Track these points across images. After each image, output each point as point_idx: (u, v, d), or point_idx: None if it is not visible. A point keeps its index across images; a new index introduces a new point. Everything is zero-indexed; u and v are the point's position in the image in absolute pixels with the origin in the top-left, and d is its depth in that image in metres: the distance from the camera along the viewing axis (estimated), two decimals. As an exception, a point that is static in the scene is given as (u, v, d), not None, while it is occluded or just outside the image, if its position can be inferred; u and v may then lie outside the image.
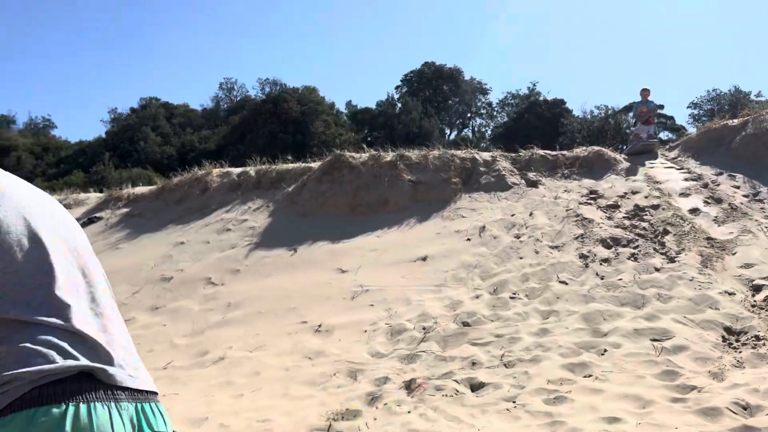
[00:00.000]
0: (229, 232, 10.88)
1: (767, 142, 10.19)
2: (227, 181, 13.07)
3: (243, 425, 4.49)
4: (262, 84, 53.52)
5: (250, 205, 11.89)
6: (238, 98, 55.76)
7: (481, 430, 3.87)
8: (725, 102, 34.00)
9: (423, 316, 6.72)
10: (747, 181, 9.52)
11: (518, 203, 10.24)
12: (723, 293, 6.00)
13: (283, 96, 41.53)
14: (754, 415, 3.74)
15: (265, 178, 12.76)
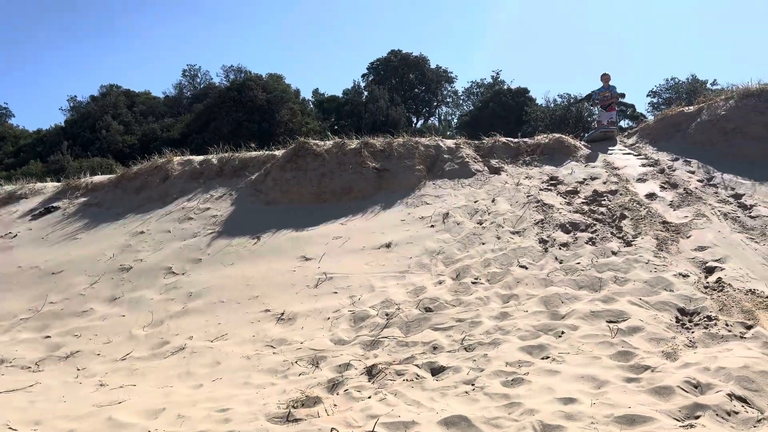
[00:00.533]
0: (190, 221, 10.72)
1: (722, 129, 10.46)
2: (189, 169, 12.86)
3: (201, 415, 4.44)
4: (227, 71, 52.67)
5: (213, 194, 11.72)
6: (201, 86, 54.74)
7: (439, 413, 3.90)
8: (683, 90, 34.80)
9: (386, 302, 6.74)
10: (702, 166, 9.77)
11: (481, 190, 10.32)
12: (677, 275, 6.15)
13: (248, 84, 40.91)
14: (704, 393, 3.85)
15: (227, 166, 12.58)
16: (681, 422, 3.45)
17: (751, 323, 4.99)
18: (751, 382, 3.89)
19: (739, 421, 3.48)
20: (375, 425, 3.72)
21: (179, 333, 6.86)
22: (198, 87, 54.97)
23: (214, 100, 41.13)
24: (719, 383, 3.91)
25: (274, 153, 12.57)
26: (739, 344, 4.62)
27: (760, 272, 6.19)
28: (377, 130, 13.98)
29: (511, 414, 3.81)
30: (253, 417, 4.24)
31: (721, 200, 8.40)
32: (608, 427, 3.44)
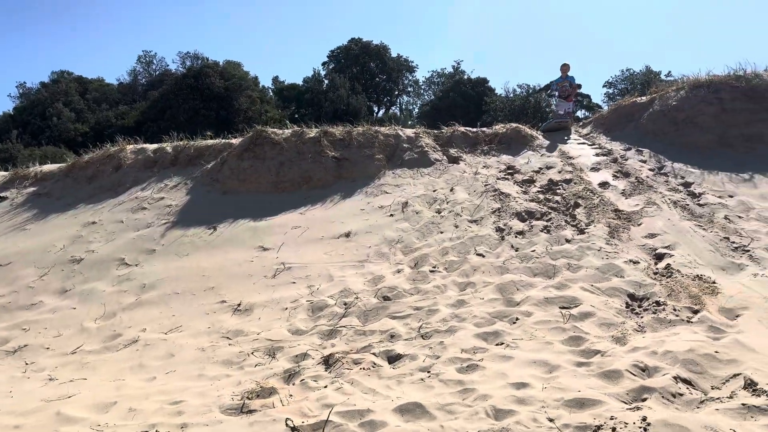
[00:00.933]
0: (144, 211, 10.47)
1: (673, 119, 10.74)
2: (142, 157, 12.55)
3: (154, 408, 4.36)
4: (183, 58, 51.39)
5: (167, 183, 11.47)
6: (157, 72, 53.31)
7: (395, 400, 3.92)
8: (638, 81, 35.57)
9: (345, 291, 6.73)
10: (653, 155, 10.02)
11: (440, 179, 10.38)
12: (628, 262, 6.31)
13: (205, 70, 39.99)
14: (651, 376, 3.97)
15: (182, 154, 12.33)
16: (628, 405, 3.55)
17: (697, 308, 5.15)
18: (696, 365, 4.02)
19: (683, 402, 3.59)
20: (330, 414, 3.71)
21: (132, 325, 6.72)
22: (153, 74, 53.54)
23: (170, 88, 40.11)
24: (666, 366, 4.03)
25: (231, 141, 12.37)
26: (685, 328, 4.77)
27: (707, 258, 6.40)
28: (338, 119, 13.90)
29: (464, 400, 3.85)
30: (207, 409, 4.19)
31: (671, 189, 8.64)
32: (558, 410, 3.51)
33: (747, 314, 4.94)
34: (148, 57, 54.42)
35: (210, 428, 3.83)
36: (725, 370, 3.89)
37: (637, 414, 3.33)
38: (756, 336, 4.45)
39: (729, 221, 7.32)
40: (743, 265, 6.16)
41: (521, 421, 3.41)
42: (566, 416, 3.42)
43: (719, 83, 10.78)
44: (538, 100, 26.90)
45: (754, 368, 3.80)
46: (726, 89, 10.60)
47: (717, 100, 10.51)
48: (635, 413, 3.36)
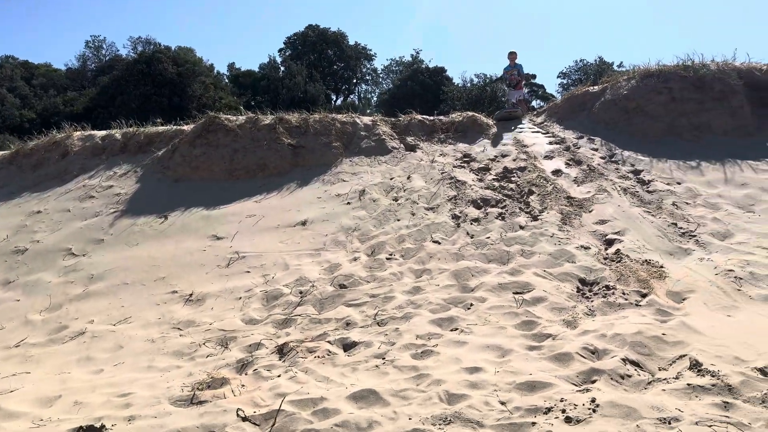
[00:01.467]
0: (92, 200, 10.13)
1: (624, 107, 10.96)
2: (90, 144, 12.12)
3: (100, 401, 4.23)
4: (134, 43, 49.90)
5: (116, 171, 11.12)
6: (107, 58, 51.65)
7: (349, 387, 3.89)
8: (591, 72, 36.28)
9: (301, 280, 6.66)
10: (604, 143, 10.22)
11: (397, 167, 10.36)
12: (579, 248, 6.42)
13: (157, 56, 38.93)
14: (601, 358, 4.04)
15: (132, 141, 11.96)
16: (578, 387, 3.60)
17: (645, 291, 5.28)
18: (644, 347, 4.12)
19: (631, 383, 3.67)
20: (282, 403, 3.65)
21: (79, 317, 6.50)
22: (103, 59, 51.83)
23: (121, 73, 38.90)
24: (615, 349, 4.11)
25: (183, 128, 12.07)
26: (634, 311, 4.88)
27: (656, 243, 6.57)
28: (296, 107, 13.72)
29: (419, 385, 3.85)
30: (156, 401, 4.08)
31: (622, 176, 8.83)
32: (510, 393, 3.54)
33: (693, 297, 5.08)
34: (98, 42, 52.72)
35: (158, 420, 3.73)
36: (672, 352, 3.99)
37: (587, 396, 3.39)
38: (701, 318, 4.58)
39: (677, 207, 7.53)
40: (690, 250, 6.34)
41: (474, 404, 3.43)
42: (518, 399, 3.46)
43: (669, 73, 11.04)
44: (494, 89, 27.14)
45: (699, 349, 3.91)
46: (675, 79, 10.87)
47: (666, 90, 10.77)
48: (585, 395, 3.41)
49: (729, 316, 4.67)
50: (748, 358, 3.74)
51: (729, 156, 9.09)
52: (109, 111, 33.82)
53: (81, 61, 52.25)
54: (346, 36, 52.08)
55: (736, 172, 8.56)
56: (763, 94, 10.76)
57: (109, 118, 29.89)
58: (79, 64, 52.04)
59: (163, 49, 41.11)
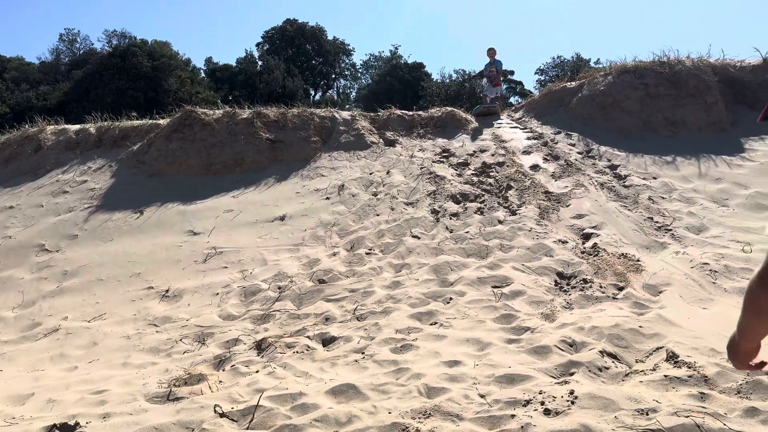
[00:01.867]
0: (65, 195, 9.94)
1: (600, 103, 11.06)
2: (64, 139, 11.90)
3: (74, 398, 4.15)
4: (109, 36, 48.97)
5: (91, 165, 10.93)
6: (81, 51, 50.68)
7: (328, 382, 3.86)
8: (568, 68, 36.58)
9: (279, 275, 6.60)
10: (581, 139, 10.30)
11: (376, 162, 10.33)
12: (557, 242, 6.46)
13: (133, 50, 38.31)
14: (579, 351, 4.06)
15: (107, 135, 11.76)
16: (557, 379, 3.62)
17: (622, 285, 5.33)
18: (621, 339, 4.15)
19: (609, 375, 3.69)
20: (260, 399, 3.61)
21: (53, 314, 6.38)
22: (77, 53, 50.86)
23: (96, 67, 38.18)
24: (592, 341, 4.14)
25: (159, 122, 11.90)
26: (611, 304, 4.92)
27: (632, 237, 6.63)
28: (274, 102, 13.59)
29: (398, 379, 3.83)
30: (132, 398, 4.01)
31: (599, 171, 8.91)
32: (489, 386, 3.54)
33: (669, 290, 5.14)
34: (72, 35, 51.70)
35: (134, 417, 3.67)
36: (649, 344, 4.03)
37: (565, 388, 3.40)
38: (677, 311, 4.64)
39: (653, 202, 7.62)
40: (666, 244, 6.42)
41: (453, 398, 3.42)
42: (497, 392, 3.46)
43: (645, 69, 11.16)
44: (473, 85, 27.23)
45: (675, 341, 3.95)
46: (651, 75, 10.99)
47: (642, 86, 10.89)
48: (563, 387, 3.43)
49: (704, 309, 4.74)
50: (723, 349, 3.76)
51: (704, 151, 9.22)
52: (83, 105, 33.20)
53: (54, 54, 51.21)
54: (324, 31, 51.82)
55: (710, 167, 8.69)
56: (737, 90, 10.94)
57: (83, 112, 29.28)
58: (53, 58, 51.01)
59: (138, 43, 40.46)
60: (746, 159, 8.82)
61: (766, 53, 11.65)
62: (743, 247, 6.01)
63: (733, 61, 11.61)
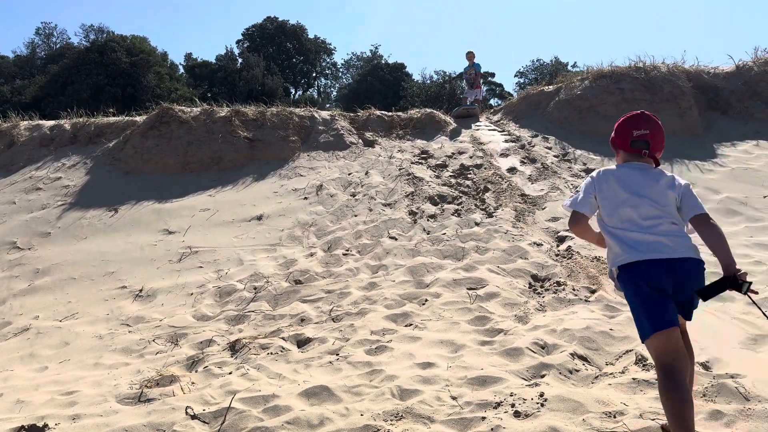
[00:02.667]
0: (38, 192, 9.78)
1: (577, 107, 11.19)
2: (38, 135, 11.70)
3: (44, 399, 4.09)
4: (86, 31, 48.36)
5: (65, 162, 10.77)
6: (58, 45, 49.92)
7: (301, 384, 3.86)
8: (547, 71, 36.97)
9: (255, 276, 6.58)
10: (558, 142, 10.41)
11: (355, 162, 10.34)
12: (532, 244, 6.53)
13: (111, 45, 37.84)
14: (550, 353, 4.11)
15: (82, 132, 11.59)
16: (528, 381, 3.66)
17: (595, 288, 5.41)
18: (592, 342, 4.21)
19: (579, 378, 3.74)
20: (232, 401, 3.60)
21: (24, 313, 6.28)
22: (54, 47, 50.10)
23: (72, 62, 37.63)
24: (564, 344, 4.19)
25: (135, 119, 11.77)
26: (583, 307, 4.99)
27: (605, 241, 6.72)
28: (253, 100, 13.52)
29: (372, 381, 3.85)
30: (102, 399, 3.96)
31: (574, 174, 9.01)
32: (461, 388, 3.57)
33: (639, 293, 5.22)
34: (48, 29, 50.98)
35: (104, 419, 3.63)
36: (619, 347, 4.09)
37: (536, 390, 3.44)
38: (646, 313, 4.71)
39: (626, 206, 7.72)
40: (637, 247, 6.51)
41: (425, 400, 3.44)
42: (469, 394, 3.49)
43: (621, 74, 11.32)
44: (453, 87, 27.33)
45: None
46: (627, 80, 11.15)
47: (618, 90, 11.04)
48: (534, 389, 3.47)
49: (673, 312, 4.82)
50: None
51: (677, 156, 9.38)
52: (59, 100, 32.72)
53: (30, 48, 50.37)
54: (305, 29, 51.68)
55: (683, 171, 8.83)
56: (710, 96, 11.15)
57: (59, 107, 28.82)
58: (28, 52, 50.15)
59: (116, 38, 39.97)
60: (718, 164, 8.99)
61: (739, 60, 11.91)
62: (713, 251, 6.12)
63: (706, 67, 11.82)
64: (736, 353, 3.86)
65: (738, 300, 4.99)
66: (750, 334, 4.18)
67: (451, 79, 28.53)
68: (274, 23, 50.49)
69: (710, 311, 4.76)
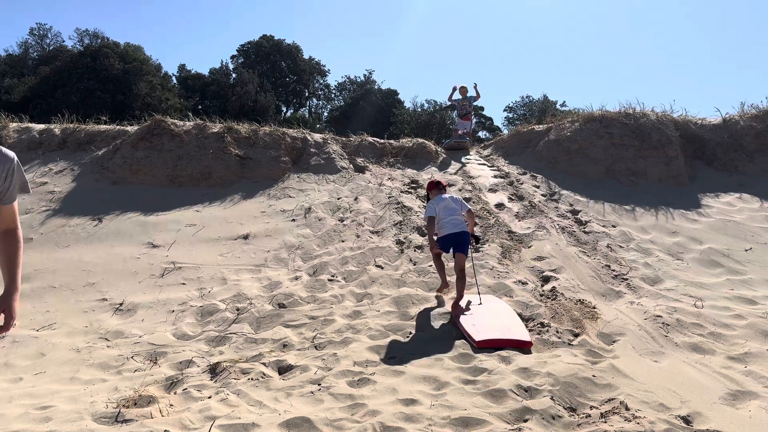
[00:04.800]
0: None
1: (566, 148, 11.35)
2: (27, 137, 11.58)
3: (17, 413, 3.99)
4: (81, 35, 48.09)
5: (52, 167, 10.65)
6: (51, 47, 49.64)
7: (282, 414, 3.81)
8: (536, 108, 37.54)
9: (238, 296, 6.52)
10: (546, 181, 10.54)
11: (345, 187, 10.36)
12: (517, 282, 6.56)
13: (104, 50, 37.74)
14: (533, 396, 4.09)
15: (72, 138, 11.50)
16: (511, 425, 3.65)
17: (578, 331, 5.43)
18: (575, 388, 4.21)
19: (561, 424, 3.74)
20: (212, 428, 3.54)
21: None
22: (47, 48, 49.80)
23: (65, 65, 37.44)
24: (547, 388, 4.19)
25: (127, 129, 11.70)
26: (566, 351, 5.00)
27: (589, 283, 6.79)
28: (245, 115, 13.57)
29: (354, 415, 3.81)
30: (78, 416, 3.88)
31: (561, 215, 9.11)
32: (444, 429, 3.55)
33: (623, 340, 5.26)
34: (43, 30, 50.66)
35: (78, 439, 3.54)
36: (601, 394, 4.10)
37: (519, 435, 3.43)
38: (630, 362, 4.74)
39: (611, 250, 7.82)
40: (621, 293, 6.58)
41: (408, 439, 3.42)
42: (452, 435, 3.47)
43: (610, 119, 11.53)
44: (443, 117, 27.65)
45: (627, 394, 4.04)
46: (616, 125, 11.36)
47: (607, 135, 11.24)
48: (517, 434, 3.46)
49: (656, 362, 4.86)
50: (672, 405, 3.89)
51: (662, 203, 9.54)
52: (48, 102, 32.48)
53: (23, 48, 50.02)
54: (300, 49, 52.02)
55: (668, 219, 8.98)
56: (696, 146, 11.39)
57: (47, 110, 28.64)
58: (21, 51, 49.80)
59: (110, 45, 39.90)
60: (702, 215, 9.15)
61: (726, 114, 12.21)
62: (695, 302, 6.21)
63: (694, 118, 12.10)
64: (717, 408, 3.90)
65: (719, 354, 5.05)
66: (730, 389, 4.22)
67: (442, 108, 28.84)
68: (270, 41, 50.79)
69: (691, 363, 4.81)
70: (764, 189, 10.05)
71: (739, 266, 7.30)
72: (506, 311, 5.75)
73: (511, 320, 5.49)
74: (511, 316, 5.60)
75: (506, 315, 5.64)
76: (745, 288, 6.66)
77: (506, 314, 5.66)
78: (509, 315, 5.64)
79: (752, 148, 11.14)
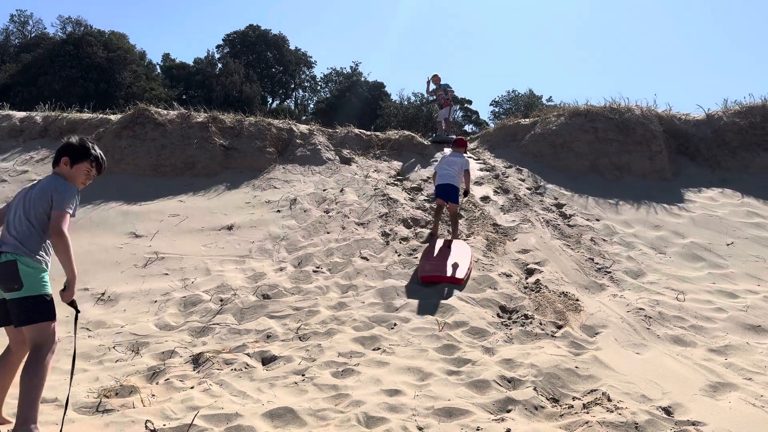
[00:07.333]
0: (3, 183, 9.50)
1: (551, 142, 11.39)
2: (7, 125, 11.40)
3: (-6, 404, 3.91)
4: (64, 22, 47.31)
5: (33, 155, 10.50)
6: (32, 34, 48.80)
7: (265, 404, 3.79)
8: (522, 102, 37.58)
9: (222, 287, 6.48)
10: (531, 175, 10.58)
11: (331, 179, 10.32)
12: (502, 275, 6.58)
13: (88, 38, 37.16)
14: (516, 387, 4.11)
15: (53, 126, 11.34)
16: (494, 415, 3.66)
17: (561, 323, 5.46)
18: (558, 379, 4.23)
19: (544, 415, 3.76)
20: (194, 418, 3.51)
21: (-23, 309, 6.03)
22: (28, 35, 48.95)
23: (47, 52, 36.79)
24: (530, 379, 4.21)
25: (110, 117, 11.56)
26: (549, 342, 5.03)
27: (573, 276, 6.83)
28: (230, 106, 13.45)
29: (338, 405, 3.80)
30: (59, 406, 3.83)
31: (545, 208, 9.15)
32: (428, 419, 3.55)
33: (605, 332, 5.30)
34: (23, 17, 49.80)
35: (60, 427, 3.49)
36: (583, 386, 4.13)
37: (502, 425, 3.45)
38: (612, 354, 4.78)
39: (594, 243, 7.87)
40: (604, 286, 6.63)
41: (392, 429, 3.41)
42: (435, 426, 3.47)
43: (596, 113, 11.58)
44: (430, 110, 27.60)
45: (609, 385, 4.07)
46: (601, 119, 11.41)
47: (592, 129, 11.29)
48: (500, 424, 3.47)
49: (638, 354, 4.90)
50: (653, 396, 3.93)
51: (646, 197, 9.61)
52: (29, 90, 31.98)
53: (4, 35, 49.10)
54: (287, 40, 51.62)
55: (651, 213, 9.05)
56: (680, 142, 11.48)
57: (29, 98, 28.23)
58: (1, 39, 48.90)
59: (94, 32, 39.31)
60: (684, 209, 9.23)
61: (709, 109, 12.32)
62: (677, 295, 6.27)
63: (678, 113, 12.19)
64: (698, 400, 3.94)
65: (700, 346, 5.11)
66: (711, 381, 4.27)
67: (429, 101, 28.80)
68: (256, 31, 50.30)
69: (672, 355, 4.86)
70: (746, 184, 10.17)
71: (720, 260, 7.38)
72: (462, 256, 6.80)
73: (461, 263, 6.60)
74: (463, 261, 6.66)
75: (460, 259, 6.72)
76: (727, 282, 6.74)
77: (460, 259, 6.73)
78: (462, 260, 6.69)
79: (735, 143, 11.26)
